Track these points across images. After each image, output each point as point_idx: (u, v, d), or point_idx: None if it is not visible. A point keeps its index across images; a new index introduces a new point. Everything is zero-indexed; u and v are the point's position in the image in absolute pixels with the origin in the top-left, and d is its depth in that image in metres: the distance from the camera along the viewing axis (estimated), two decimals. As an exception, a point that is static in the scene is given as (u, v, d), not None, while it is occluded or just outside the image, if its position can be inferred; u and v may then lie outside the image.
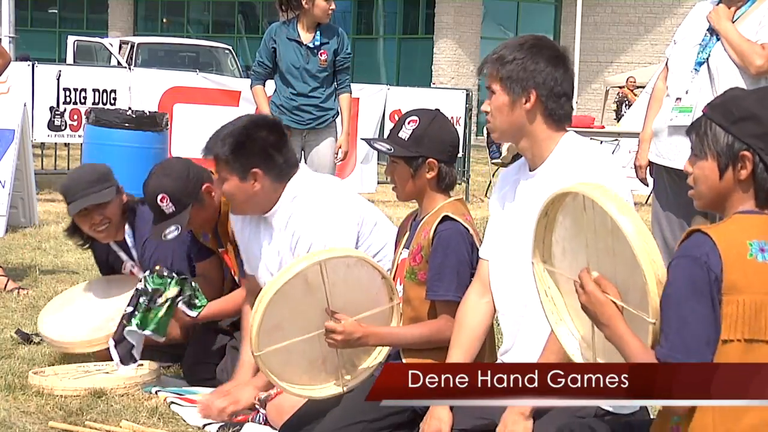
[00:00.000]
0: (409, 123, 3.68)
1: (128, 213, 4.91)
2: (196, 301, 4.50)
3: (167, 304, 4.45)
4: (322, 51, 7.07)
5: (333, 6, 7.04)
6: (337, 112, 7.21)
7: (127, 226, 4.92)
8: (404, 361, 3.63)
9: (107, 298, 4.95)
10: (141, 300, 4.47)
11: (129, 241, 4.94)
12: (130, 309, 4.48)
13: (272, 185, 4.09)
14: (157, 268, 4.50)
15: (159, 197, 4.49)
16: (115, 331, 4.54)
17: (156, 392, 4.47)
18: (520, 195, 3.38)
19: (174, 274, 4.49)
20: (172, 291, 4.46)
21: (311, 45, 7.05)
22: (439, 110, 3.83)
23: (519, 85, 3.28)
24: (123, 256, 4.98)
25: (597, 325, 2.60)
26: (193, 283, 4.53)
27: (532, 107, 3.30)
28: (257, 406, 4.10)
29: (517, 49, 3.31)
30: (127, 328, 4.46)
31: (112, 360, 4.55)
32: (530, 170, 3.37)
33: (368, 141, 3.86)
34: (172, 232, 4.49)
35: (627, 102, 22.69)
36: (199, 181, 4.53)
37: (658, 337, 2.49)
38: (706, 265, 2.45)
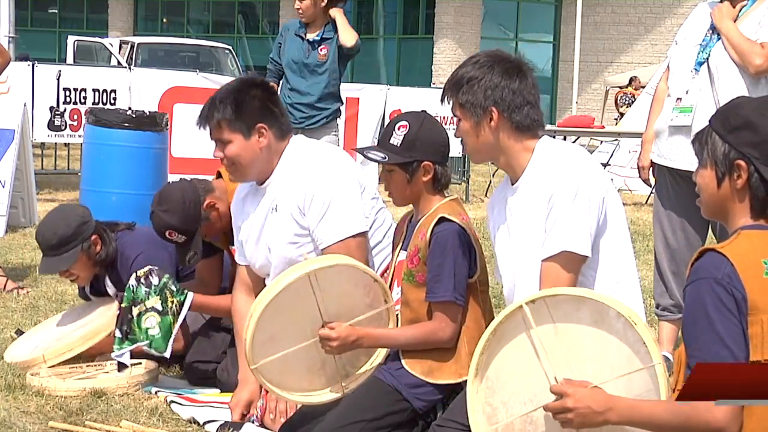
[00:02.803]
0: (399, 128, 3.67)
1: (103, 266, 4.91)
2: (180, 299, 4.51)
3: (146, 314, 4.43)
4: (322, 46, 7.12)
5: (297, 4, 7.13)
6: (334, 113, 7.21)
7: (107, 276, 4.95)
8: (403, 362, 3.64)
9: (68, 322, 4.97)
10: (128, 315, 4.47)
11: (109, 288, 4.95)
12: (118, 331, 4.49)
13: (275, 141, 4.11)
14: (140, 273, 4.49)
15: (167, 234, 4.53)
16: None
17: (156, 392, 4.47)
18: (509, 211, 3.39)
19: (156, 279, 4.47)
20: (153, 300, 4.44)
21: (311, 39, 7.11)
22: (426, 112, 3.84)
23: (478, 107, 3.29)
24: (109, 290, 4.99)
25: (596, 421, 2.52)
26: (173, 285, 4.50)
27: (497, 125, 3.30)
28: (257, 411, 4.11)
29: (471, 69, 3.32)
30: (114, 352, 4.46)
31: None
32: (512, 184, 3.39)
33: (361, 151, 3.83)
34: (192, 257, 4.55)
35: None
36: (196, 203, 4.51)
37: (667, 376, 2.46)
38: (729, 285, 2.42)
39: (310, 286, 3.47)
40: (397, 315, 3.69)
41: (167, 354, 4.46)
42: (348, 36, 7.08)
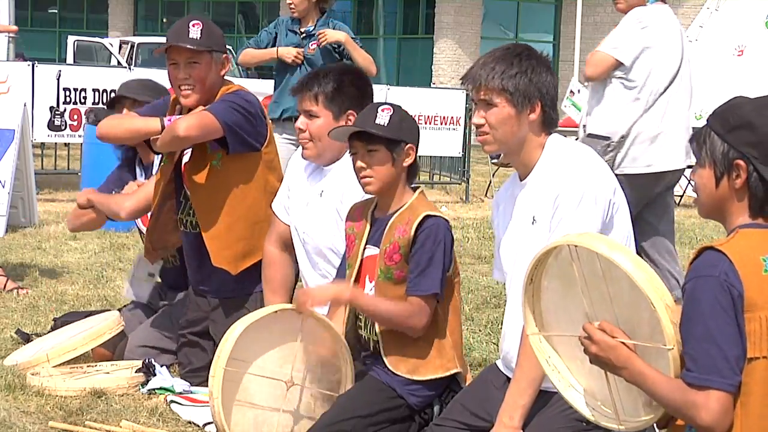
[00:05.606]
0: (383, 111, 3.65)
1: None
2: None
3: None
4: (312, 42, 7.15)
5: (289, 0, 7.21)
6: None
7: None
8: (387, 362, 3.65)
9: (69, 330, 4.97)
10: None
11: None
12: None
13: None
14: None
15: (192, 22, 4.43)
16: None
17: (156, 392, 4.46)
18: (517, 207, 3.38)
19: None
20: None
21: (305, 32, 7.19)
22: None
23: (525, 98, 3.27)
24: (138, 175, 5.08)
25: (613, 371, 2.57)
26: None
27: (536, 117, 3.30)
28: None
29: (517, 60, 3.29)
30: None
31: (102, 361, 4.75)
32: (521, 180, 3.38)
33: (355, 127, 3.71)
34: (194, 32, 4.42)
35: None
36: (224, 44, 4.51)
37: (679, 363, 2.47)
38: (726, 282, 2.43)
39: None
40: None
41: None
42: (369, 67, 7.08)
